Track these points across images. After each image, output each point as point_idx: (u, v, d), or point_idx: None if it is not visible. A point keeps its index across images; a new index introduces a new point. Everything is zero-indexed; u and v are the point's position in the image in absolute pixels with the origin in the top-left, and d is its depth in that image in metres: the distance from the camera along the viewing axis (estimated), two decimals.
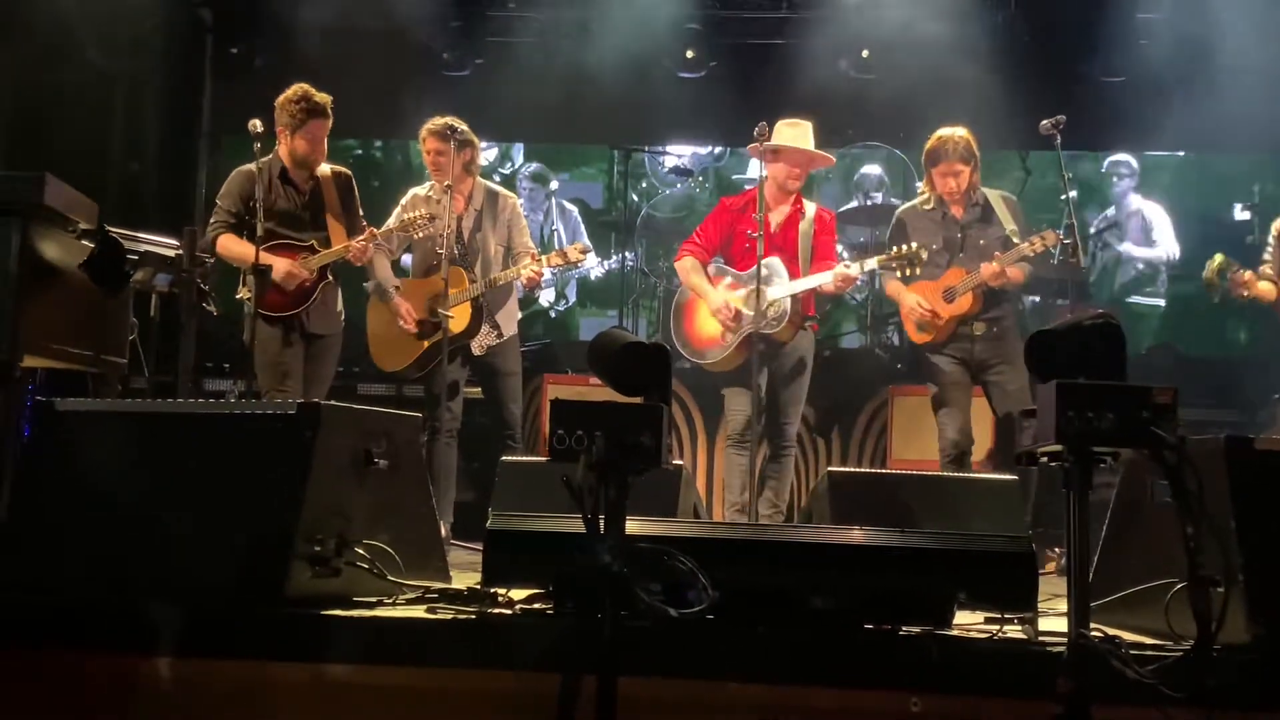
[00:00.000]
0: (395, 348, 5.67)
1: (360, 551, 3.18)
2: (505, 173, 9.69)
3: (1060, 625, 2.78)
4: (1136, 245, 9.10)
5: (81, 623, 3.05)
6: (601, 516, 2.54)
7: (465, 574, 3.69)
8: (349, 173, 5.62)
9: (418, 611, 3.09)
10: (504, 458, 3.86)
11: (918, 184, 5.83)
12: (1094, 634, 2.55)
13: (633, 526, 2.67)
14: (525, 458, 4.35)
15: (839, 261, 5.53)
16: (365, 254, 5.36)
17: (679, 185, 9.50)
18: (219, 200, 5.43)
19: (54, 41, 6.95)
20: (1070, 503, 2.57)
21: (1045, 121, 5.25)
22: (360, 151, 9.58)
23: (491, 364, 5.66)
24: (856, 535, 3.11)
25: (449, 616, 3.03)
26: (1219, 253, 5.65)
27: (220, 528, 3.13)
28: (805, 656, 2.90)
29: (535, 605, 3.07)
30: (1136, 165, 9.09)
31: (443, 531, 4.13)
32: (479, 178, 5.83)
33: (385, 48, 7.81)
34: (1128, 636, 2.79)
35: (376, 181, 9.03)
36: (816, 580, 3.00)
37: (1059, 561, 4.77)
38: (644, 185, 9.56)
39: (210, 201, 5.72)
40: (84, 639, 3.04)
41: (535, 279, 5.57)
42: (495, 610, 3.06)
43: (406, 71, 7.99)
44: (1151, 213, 9.07)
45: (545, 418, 6.59)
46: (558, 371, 7.13)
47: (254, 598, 3.02)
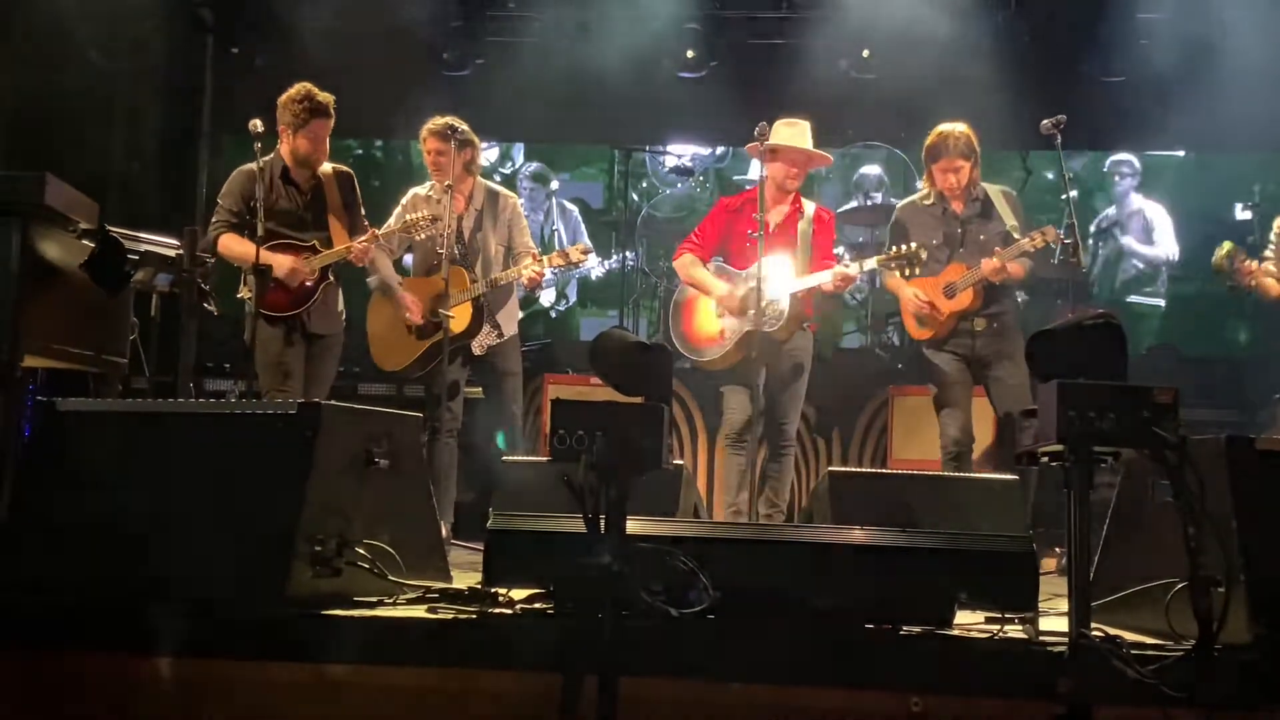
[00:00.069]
0: (395, 347, 5.67)
1: (361, 551, 3.18)
2: (506, 172, 9.69)
3: (1061, 625, 2.78)
4: (1137, 242, 9.11)
5: (81, 623, 3.05)
6: (602, 516, 2.54)
7: (466, 574, 3.70)
8: (351, 171, 5.61)
9: (419, 611, 3.09)
10: (504, 458, 3.85)
11: (918, 183, 5.83)
12: (1095, 634, 2.55)
13: (633, 526, 2.68)
14: (526, 458, 4.35)
15: (838, 261, 5.53)
16: (367, 255, 5.36)
17: (679, 185, 9.49)
18: (220, 200, 5.43)
19: (54, 41, 6.95)
20: (1071, 503, 2.57)
21: (1046, 121, 5.24)
22: (360, 151, 9.57)
23: (492, 364, 5.66)
24: (857, 535, 3.11)
25: (450, 616, 3.03)
26: (1228, 240, 5.65)
27: (221, 528, 3.13)
28: (806, 656, 2.91)
29: (536, 605, 3.07)
30: (1139, 165, 9.09)
31: (443, 531, 4.12)
32: (479, 177, 5.82)
33: (386, 47, 7.80)
34: (1129, 636, 2.79)
35: (377, 181, 9.02)
36: (817, 580, 3.00)
37: (1060, 561, 4.77)
38: (644, 185, 9.56)
39: (211, 201, 5.71)
40: (84, 639, 3.04)
41: (536, 279, 5.56)
42: (496, 610, 3.07)
43: (407, 71, 7.97)
44: (1153, 213, 9.06)
45: (546, 418, 6.59)
46: (558, 371, 7.13)
47: (255, 598, 3.02)
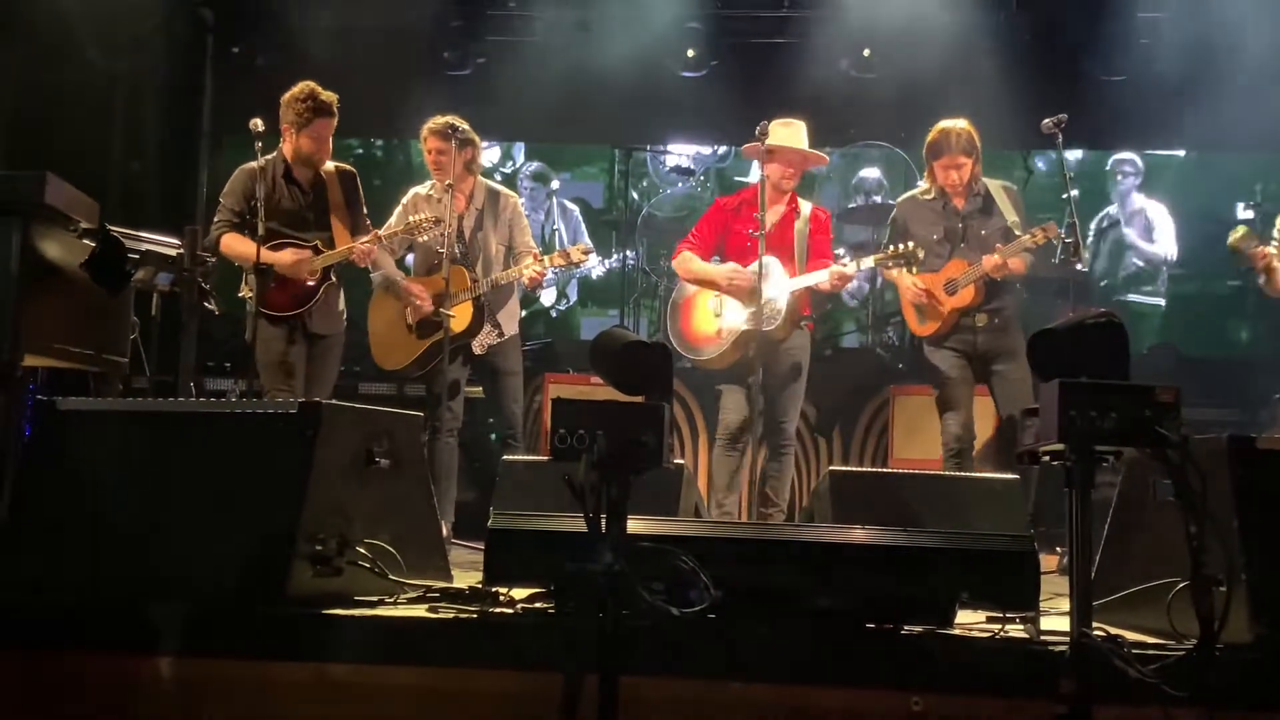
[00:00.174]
0: (396, 347, 5.66)
1: (362, 551, 3.18)
2: (506, 172, 9.68)
3: (1062, 624, 2.77)
4: (1139, 239, 9.10)
5: (81, 623, 3.05)
6: (603, 516, 2.54)
7: (467, 573, 3.70)
8: (354, 170, 5.60)
9: (419, 611, 3.09)
10: (505, 457, 3.85)
11: (919, 182, 5.82)
12: (1096, 633, 2.55)
13: (634, 526, 2.67)
14: (527, 457, 4.34)
15: (835, 260, 5.53)
16: (370, 256, 5.36)
17: (680, 184, 9.49)
18: (222, 199, 5.42)
19: (55, 41, 6.95)
20: (1072, 502, 2.56)
21: (1047, 120, 5.24)
22: (361, 151, 9.57)
23: (493, 363, 5.66)
24: (858, 534, 3.11)
25: (450, 616, 3.03)
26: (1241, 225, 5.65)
27: (222, 527, 3.13)
28: (807, 656, 2.90)
29: (537, 604, 3.06)
30: (1141, 164, 9.08)
31: (444, 531, 4.12)
32: (480, 177, 5.82)
33: (386, 47, 7.81)
34: (1130, 636, 2.78)
35: (378, 180, 9.01)
36: (818, 579, 2.99)
37: (1061, 561, 4.76)
38: (645, 184, 9.55)
39: (211, 201, 5.71)
40: (84, 639, 3.03)
41: (537, 279, 5.56)
42: (497, 609, 3.07)
43: (408, 70, 7.98)
44: (1155, 212, 9.05)
45: (547, 417, 6.59)
46: (559, 371, 7.13)
47: (255, 597, 3.02)
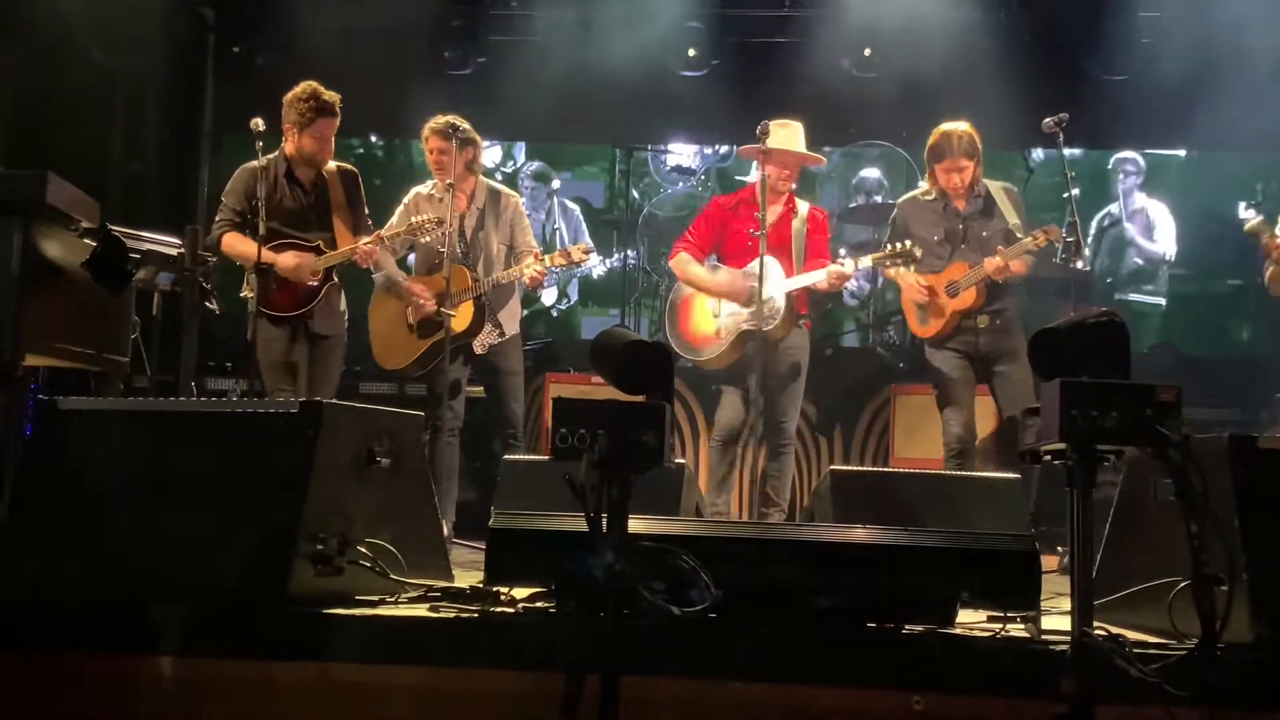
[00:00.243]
0: (397, 346, 5.66)
1: (363, 550, 3.18)
2: (507, 171, 9.68)
3: (1063, 624, 2.77)
4: (1139, 236, 9.09)
5: (81, 623, 3.05)
6: (604, 515, 2.53)
7: (468, 573, 3.70)
8: (355, 170, 5.61)
9: (420, 610, 3.08)
10: (506, 456, 3.85)
11: (920, 182, 5.82)
12: (1097, 633, 2.54)
13: (635, 525, 2.67)
14: (528, 456, 4.34)
15: (833, 260, 5.54)
16: (372, 257, 5.36)
17: (681, 184, 9.49)
18: (224, 198, 5.42)
19: (56, 40, 6.96)
20: (1073, 501, 2.56)
21: (1048, 119, 5.24)
22: (362, 150, 9.57)
23: (493, 363, 5.66)
24: (859, 534, 3.11)
25: (451, 615, 3.03)
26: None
27: (222, 527, 3.12)
28: (808, 655, 2.90)
29: (538, 604, 3.06)
30: (1143, 163, 9.08)
31: (445, 530, 4.12)
32: (481, 176, 5.82)
33: (387, 46, 7.81)
34: (1131, 635, 2.78)
35: (379, 180, 9.00)
36: (819, 579, 2.99)
37: (1062, 560, 4.76)
38: (646, 184, 9.55)
39: (212, 200, 5.71)
40: (84, 639, 3.03)
41: (538, 279, 5.56)
42: (498, 609, 3.06)
43: (408, 70, 7.98)
44: (1156, 212, 9.05)
45: (547, 416, 6.59)
46: (560, 370, 7.13)
47: (256, 597, 3.01)
